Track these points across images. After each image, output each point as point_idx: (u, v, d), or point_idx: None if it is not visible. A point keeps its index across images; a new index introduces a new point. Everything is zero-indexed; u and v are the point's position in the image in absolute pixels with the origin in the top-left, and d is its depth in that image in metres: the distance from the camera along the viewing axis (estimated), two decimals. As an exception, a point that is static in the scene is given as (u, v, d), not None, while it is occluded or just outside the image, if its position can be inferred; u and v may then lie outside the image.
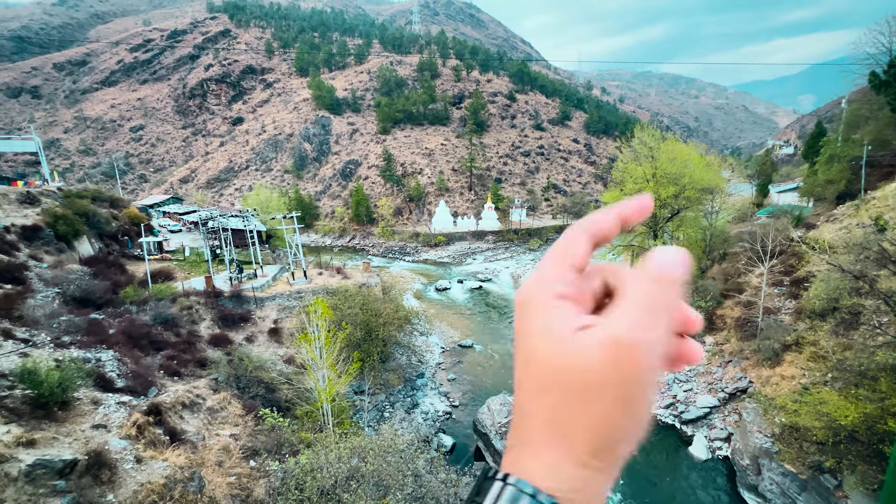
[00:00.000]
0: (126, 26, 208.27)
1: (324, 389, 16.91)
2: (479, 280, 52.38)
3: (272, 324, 27.28)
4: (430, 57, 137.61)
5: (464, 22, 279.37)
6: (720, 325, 27.45)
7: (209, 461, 13.23)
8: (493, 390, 26.43)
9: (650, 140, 32.04)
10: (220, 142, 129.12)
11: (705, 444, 20.92)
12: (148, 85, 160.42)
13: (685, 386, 25.00)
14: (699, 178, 30.34)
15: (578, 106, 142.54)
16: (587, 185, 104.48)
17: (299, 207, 72.92)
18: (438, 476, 14.98)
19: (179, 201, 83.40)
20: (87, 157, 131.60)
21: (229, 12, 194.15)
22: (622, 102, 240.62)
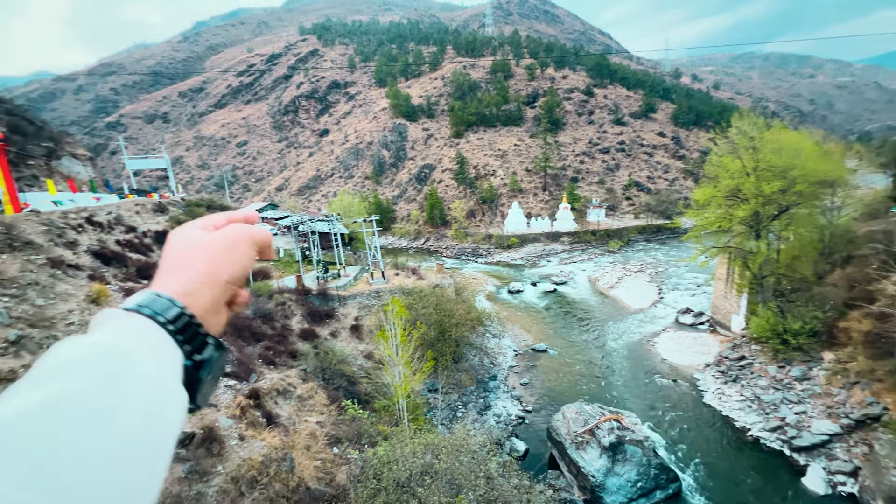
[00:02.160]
0: (234, 55, 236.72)
1: (400, 385, 17.64)
2: (554, 283, 50.76)
3: (353, 321, 29.09)
4: (503, 58, 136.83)
5: (538, 19, 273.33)
6: (843, 339, 23.52)
7: (298, 445, 14.50)
8: (568, 397, 25.46)
9: (751, 129, 28.50)
10: (309, 152, 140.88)
11: (823, 478, 18.07)
12: (250, 105, 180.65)
13: (796, 408, 21.84)
14: (814, 170, 26.30)
15: (664, 96, 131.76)
16: (675, 181, 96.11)
17: (378, 211, 76.89)
18: (511, 481, 14.82)
19: (275, 207, 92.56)
20: (203, 171, 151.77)
21: (317, 33, 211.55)
22: (717, 89, 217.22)
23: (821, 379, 22.79)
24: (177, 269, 0.82)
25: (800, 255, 27.57)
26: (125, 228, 30.23)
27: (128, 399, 0.60)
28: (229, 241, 0.88)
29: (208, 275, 0.82)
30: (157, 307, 0.74)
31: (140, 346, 0.68)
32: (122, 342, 0.67)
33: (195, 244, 0.86)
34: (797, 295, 26.99)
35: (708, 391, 25.63)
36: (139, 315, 0.72)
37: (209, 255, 0.84)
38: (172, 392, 0.68)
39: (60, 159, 42.65)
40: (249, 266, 0.90)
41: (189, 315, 0.76)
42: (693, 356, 30.06)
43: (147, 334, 0.71)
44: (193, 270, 0.82)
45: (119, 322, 0.71)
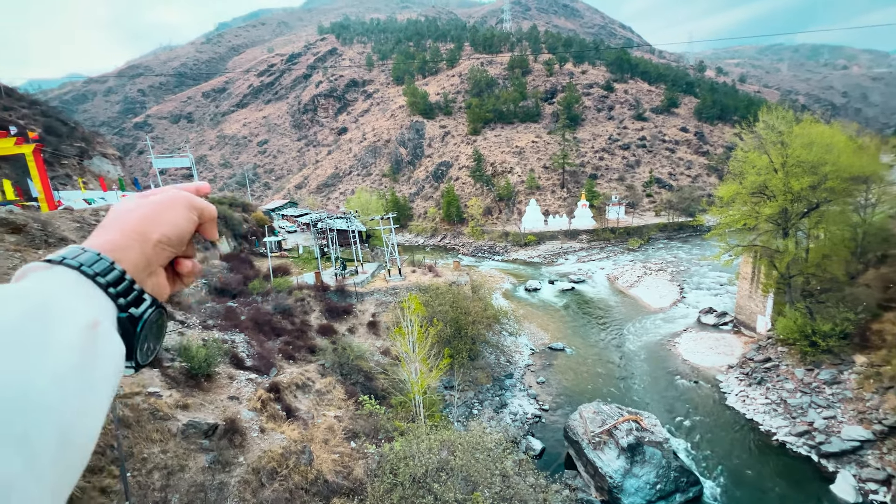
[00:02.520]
0: (255, 55, 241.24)
1: (416, 382, 17.76)
2: (572, 281, 50.19)
3: (371, 317, 29.40)
4: (521, 53, 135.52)
5: (557, 14, 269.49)
6: (877, 342, 22.56)
7: (317, 438, 14.77)
8: (585, 397, 25.18)
9: (779, 123, 27.49)
10: (328, 150, 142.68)
11: (853, 485, 17.42)
12: (271, 104, 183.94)
13: (825, 412, 21.08)
14: (846, 165, 25.21)
15: (688, 91, 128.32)
16: (698, 177, 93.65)
17: (395, 209, 77.39)
18: (527, 479, 14.78)
19: (295, 205, 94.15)
20: (226, 170, 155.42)
21: (336, 32, 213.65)
22: (743, 82, 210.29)
23: (852, 383, 21.92)
24: (108, 227, 0.82)
25: (830, 254, 26.49)
26: (152, 225, 31.21)
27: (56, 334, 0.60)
28: (163, 202, 0.88)
29: (138, 232, 0.82)
30: (83, 259, 0.72)
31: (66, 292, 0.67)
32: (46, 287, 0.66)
33: (130, 207, 0.86)
34: (827, 295, 25.97)
35: (731, 393, 24.97)
36: (64, 266, 0.70)
37: (141, 214, 0.84)
38: (106, 337, 0.67)
39: (92, 159, 44.30)
40: (186, 229, 0.88)
41: (120, 270, 0.75)
42: (716, 357, 29.32)
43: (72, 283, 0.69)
44: (123, 228, 0.82)
45: (42, 273, 0.69)
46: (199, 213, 0.92)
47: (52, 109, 49.15)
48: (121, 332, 0.73)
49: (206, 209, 0.94)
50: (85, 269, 0.71)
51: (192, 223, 0.91)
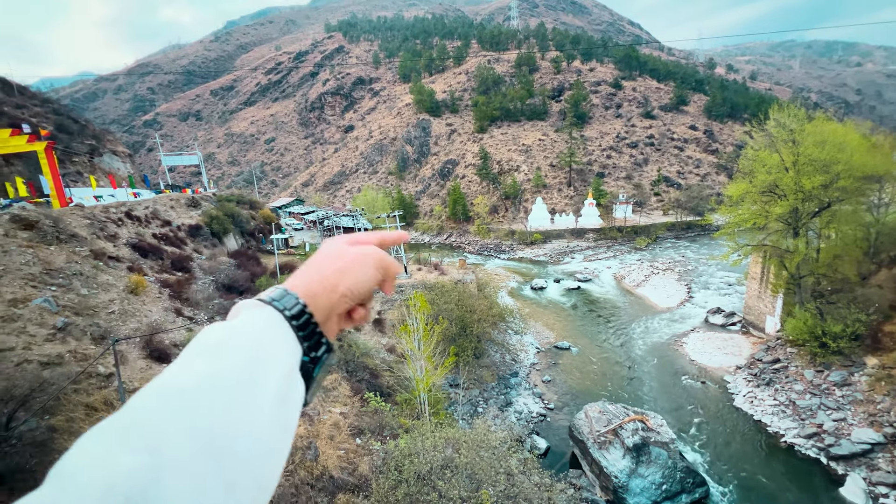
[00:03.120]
0: (263, 53, 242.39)
1: (421, 379, 17.81)
2: (578, 280, 49.96)
3: (376, 314, 29.50)
4: (529, 51, 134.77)
5: (564, 11, 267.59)
6: (889, 344, 22.23)
7: (323, 434, 14.88)
8: (590, 396, 25.09)
9: (791, 121, 27.08)
10: (335, 148, 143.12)
11: (863, 488, 17.20)
12: (278, 102, 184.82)
13: (835, 414, 20.82)
14: (860, 164, 24.80)
15: (697, 88, 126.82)
16: (706, 176, 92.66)
17: (401, 206, 77.55)
18: (531, 478, 14.78)
19: (301, 203, 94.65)
20: (234, 167, 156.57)
21: (343, 30, 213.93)
22: (754, 80, 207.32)
23: (863, 385, 21.62)
24: (310, 271, 0.90)
25: (842, 254, 26.10)
26: (161, 222, 31.54)
27: (266, 379, 0.68)
28: (357, 259, 0.95)
29: (330, 283, 0.89)
30: (286, 302, 0.81)
31: (274, 336, 0.76)
32: (261, 330, 0.75)
33: (332, 254, 0.95)
34: (838, 296, 25.60)
35: (739, 394, 24.74)
36: (272, 308, 0.79)
37: (336, 267, 0.92)
38: (296, 380, 0.76)
39: (102, 156, 44.85)
40: (370, 286, 0.95)
41: (309, 314, 0.82)
42: (723, 358, 29.06)
43: (278, 326, 0.78)
44: (319, 276, 0.89)
45: (257, 312, 0.78)
46: (385, 272, 0.98)
47: (63, 107, 49.82)
48: (301, 372, 0.80)
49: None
50: (286, 313, 0.79)
51: (377, 281, 0.97)
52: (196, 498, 0.53)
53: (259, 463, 0.63)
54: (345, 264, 0.93)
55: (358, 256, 0.95)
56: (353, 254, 0.95)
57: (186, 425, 0.57)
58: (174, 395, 0.60)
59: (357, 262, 0.94)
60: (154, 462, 0.52)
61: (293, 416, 0.73)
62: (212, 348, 0.68)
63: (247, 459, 0.61)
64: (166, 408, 0.58)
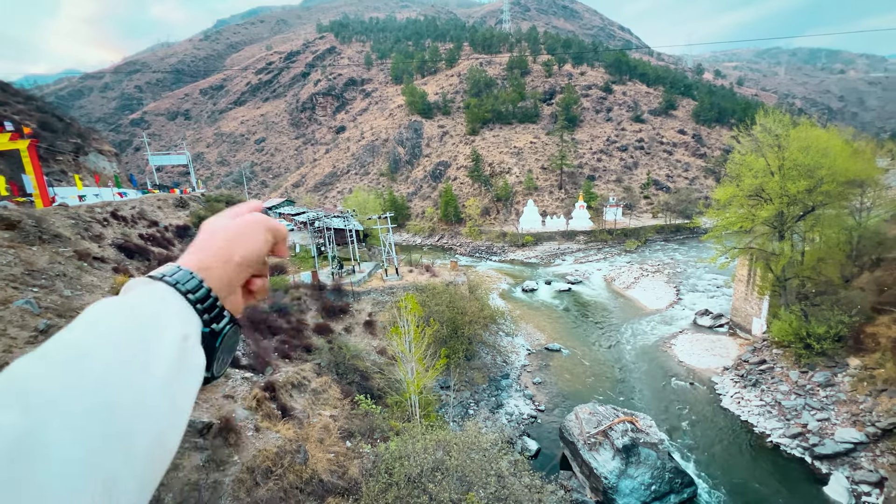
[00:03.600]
0: (253, 53, 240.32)
1: (412, 381, 17.74)
2: (569, 282, 50.26)
3: (367, 316, 29.35)
4: (520, 54, 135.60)
5: (556, 15, 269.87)
6: (870, 345, 22.71)
7: (312, 437, 14.73)
8: (580, 398, 25.23)
9: (776, 126, 27.61)
10: (326, 149, 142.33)
11: (846, 487, 17.53)
12: (269, 102, 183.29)
13: (819, 414, 21.20)
14: (842, 169, 25.37)
15: (686, 93, 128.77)
16: (695, 180, 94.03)
17: (393, 208, 77.27)
18: (522, 479, 14.78)
19: (292, 203, 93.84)
20: (223, 167, 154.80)
21: (334, 31, 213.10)
22: (741, 85, 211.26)
23: (846, 385, 22.05)
24: (198, 248, 0.91)
25: (826, 257, 26.67)
26: (148, 223, 31.05)
27: (158, 344, 0.69)
28: (243, 226, 0.96)
29: (223, 253, 0.90)
30: (178, 277, 0.82)
31: (165, 306, 0.77)
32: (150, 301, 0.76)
33: (217, 228, 0.95)
34: (822, 298, 26.12)
35: (726, 395, 25.07)
36: (163, 283, 0.80)
37: (224, 237, 0.93)
38: (194, 350, 0.77)
39: (87, 155, 44.03)
40: (262, 250, 0.96)
41: (206, 288, 0.84)
42: (711, 359, 29.43)
43: (170, 299, 0.79)
44: (211, 249, 0.90)
45: (146, 287, 0.80)
46: (274, 234, 1.00)
47: (47, 105, 48.84)
48: (203, 345, 0.81)
49: (280, 230, 1.01)
50: (179, 287, 0.80)
51: (268, 244, 0.98)
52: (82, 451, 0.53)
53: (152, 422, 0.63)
54: (234, 233, 0.94)
55: (245, 223, 0.96)
56: (237, 223, 0.96)
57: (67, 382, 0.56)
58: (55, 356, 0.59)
59: (246, 229, 0.95)
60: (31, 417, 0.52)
61: (192, 381, 0.73)
62: (99, 317, 0.67)
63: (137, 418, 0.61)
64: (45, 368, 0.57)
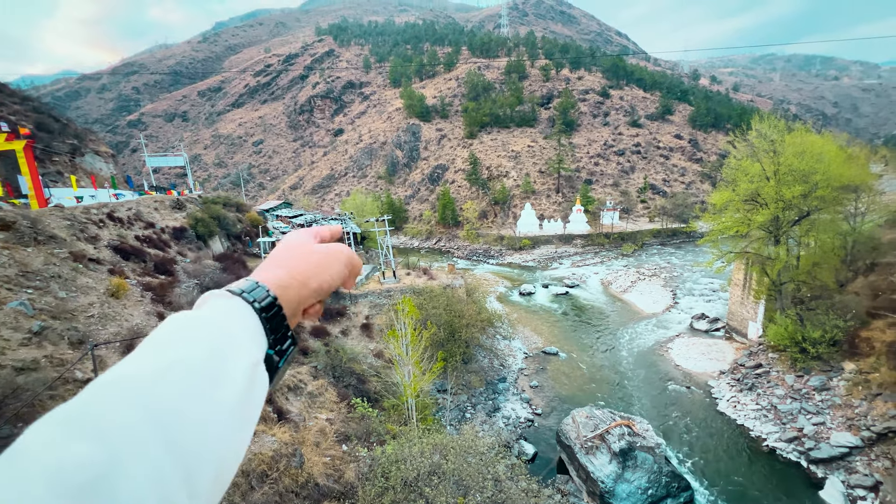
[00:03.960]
0: (252, 55, 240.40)
1: (409, 385, 17.69)
2: (566, 285, 50.34)
3: (364, 319, 29.27)
4: (518, 58, 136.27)
5: (554, 20, 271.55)
6: (865, 349, 22.83)
7: (308, 441, 14.65)
8: (578, 401, 25.22)
9: (771, 132, 27.85)
10: (324, 152, 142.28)
11: (842, 491, 17.57)
12: (267, 104, 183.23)
13: (814, 418, 21.27)
14: (837, 175, 25.59)
15: (682, 98, 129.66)
16: (691, 184, 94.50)
17: (390, 211, 77.29)
18: (519, 484, 14.75)
19: (289, 206, 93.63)
20: (220, 169, 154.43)
21: (333, 34, 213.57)
22: (737, 91, 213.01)
23: (841, 390, 22.15)
24: (280, 264, 0.91)
25: (821, 261, 26.83)
26: (144, 224, 30.92)
27: (230, 370, 0.67)
28: (329, 255, 0.97)
29: (302, 277, 0.90)
30: (256, 294, 0.80)
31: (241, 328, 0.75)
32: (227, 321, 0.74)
33: (302, 248, 0.96)
34: (817, 303, 26.26)
35: (722, 399, 25.12)
36: (241, 300, 0.79)
37: (309, 261, 0.93)
38: (261, 373, 0.75)
39: (84, 156, 43.85)
40: (337, 283, 0.97)
41: (279, 306, 0.82)
42: (707, 363, 29.50)
43: (246, 317, 0.77)
44: (292, 269, 0.90)
45: (225, 303, 0.78)
46: (351, 269, 1.01)
47: (44, 106, 48.64)
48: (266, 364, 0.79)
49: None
50: (255, 306, 0.79)
51: (343, 277, 0.99)
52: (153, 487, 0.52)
53: (218, 454, 0.61)
54: (318, 259, 0.94)
55: (330, 253, 0.97)
56: (324, 250, 0.97)
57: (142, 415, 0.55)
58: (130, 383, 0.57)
59: (330, 259, 0.96)
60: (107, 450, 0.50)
61: (256, 409, 0.72)
62: (174, 337, 0.66)
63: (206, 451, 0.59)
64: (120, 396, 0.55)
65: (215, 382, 0.64)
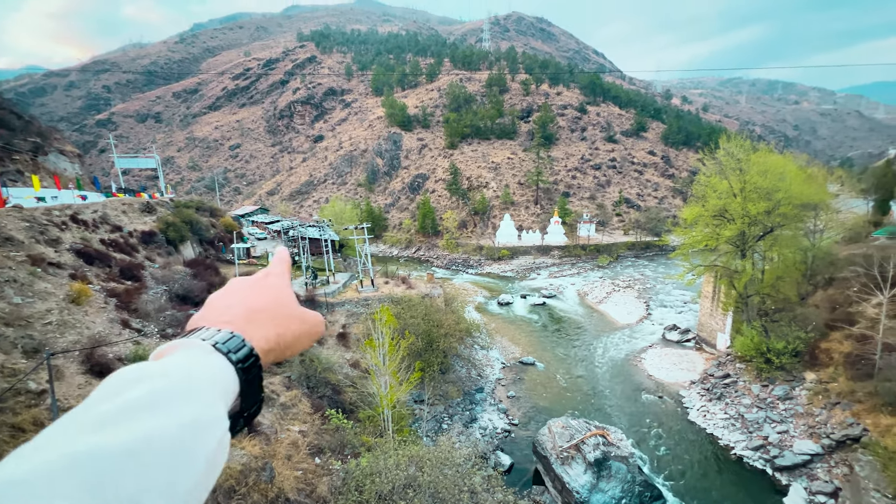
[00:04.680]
0: (231, 58, 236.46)
1: (385, 395, 17.41)
2: (544, 296, 50.93)
3: (341, 328, 28.76)
4: (500, 72, 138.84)
5: (534, 37, 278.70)
6: (825, 360, 23.92)
7: (280, 454, 14.17)
8: (554, 411, 25.36)
9: (738, 151, 29.23)
10: (303, 158, 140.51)
11: (804, 497, 18.20)
12: (245, 108, 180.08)
13: (779, 427, 22.04)
14: (798, 193, 27.01)
15: (655, 116, 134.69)
16: (664, 199, 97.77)
17: (370, 219, 76.70)
18: (495, 495, 14.64)
19: (266, 212, 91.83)
20: (194, 173, 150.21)
21: (315, 40, 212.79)
22: (706, 111, 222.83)
23: (803, 399, 23.07)
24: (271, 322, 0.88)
25: (783, 275, 28.11)
26: (111, 227, 29.67)
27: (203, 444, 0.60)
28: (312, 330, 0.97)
29: (285, 345, 0.89)
30: (241, 355, 0.75)
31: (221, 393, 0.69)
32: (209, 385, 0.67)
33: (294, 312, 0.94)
34: (781, 315, 27.43)
35: (693, 408, 25.76)
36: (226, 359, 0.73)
37: (295, 332, 0.91)
38: (226, 441, 0.68)
39: (47, 155, 41.91)
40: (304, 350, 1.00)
41: (259, 368, 0.78)
42: (679, 373, 30.25)
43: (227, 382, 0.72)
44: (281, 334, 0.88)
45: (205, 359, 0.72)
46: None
47: (5, 101, 46.37)
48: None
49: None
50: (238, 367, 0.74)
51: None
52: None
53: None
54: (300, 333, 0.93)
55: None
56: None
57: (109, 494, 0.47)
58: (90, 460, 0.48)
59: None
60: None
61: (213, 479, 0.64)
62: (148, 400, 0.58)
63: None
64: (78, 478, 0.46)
65: (187, 461, 0.56)
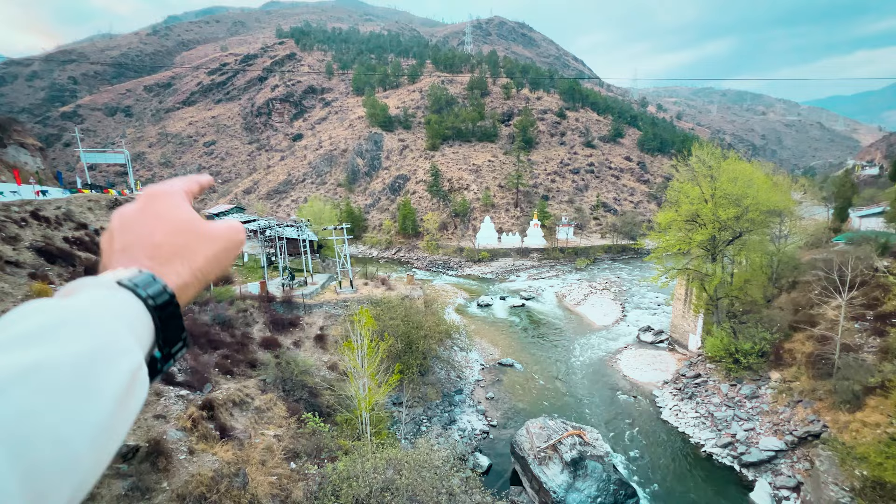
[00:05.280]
0: (206, 52, 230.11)
1: (364, 398, 17.21)
2: (523, 298, 51.44)
3: (318, 330, 28.29)
4: (481, 75, 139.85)
5: (515, 41, 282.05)
6: (788, 360, 24.99)
7: (254, 459, 13.80)
8: (532, 412, 25.62)
9: (709, 158, 30.32)
10: (281, 156, 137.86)
11: (769, 492, 18.93)
12: (221, 104, 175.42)
13: (746, 424, 22.88)
14: (764, 200, 28.20)
15: (632, 123, 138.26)
16: (639, 204, 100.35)
17: (349, 220, 75.86)
18: (473, 497, 14.66)
19: (242, 211, 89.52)
20: (167, 169, 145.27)
21: (295, 37, 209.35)
22: (680, 119, 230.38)
23: (768, 397, 24.03)
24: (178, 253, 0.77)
25: (751, 278, 29.29)
26: (75, 225, 28.36)
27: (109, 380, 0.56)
28: (229, 245, 0.83)
29: (203, 274, 0.78)
30: (152, 290, 0.69)
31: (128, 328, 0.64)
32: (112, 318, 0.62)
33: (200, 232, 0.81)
34: (748, 316, 28.54)
35: (666, 408, 26.46)
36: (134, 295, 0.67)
37: (210, 253, 0.80)
38: (142, 379, 0.64)
39: (6, 148, 39.79)
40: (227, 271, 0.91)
41: (176, 305, 0.71)
42: (653, 373, 31.04)
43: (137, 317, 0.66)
44: (194, 265, 0.77)
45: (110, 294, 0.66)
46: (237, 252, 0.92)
47: (-39, 90, 43.78)
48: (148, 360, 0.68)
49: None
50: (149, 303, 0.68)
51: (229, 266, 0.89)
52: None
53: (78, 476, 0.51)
54: (219, 250, 0.80)
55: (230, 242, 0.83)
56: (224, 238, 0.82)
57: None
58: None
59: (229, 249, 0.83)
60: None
61: (129, 421, 0.60)
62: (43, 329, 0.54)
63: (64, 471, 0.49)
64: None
65: (87, 393, 0.53)
